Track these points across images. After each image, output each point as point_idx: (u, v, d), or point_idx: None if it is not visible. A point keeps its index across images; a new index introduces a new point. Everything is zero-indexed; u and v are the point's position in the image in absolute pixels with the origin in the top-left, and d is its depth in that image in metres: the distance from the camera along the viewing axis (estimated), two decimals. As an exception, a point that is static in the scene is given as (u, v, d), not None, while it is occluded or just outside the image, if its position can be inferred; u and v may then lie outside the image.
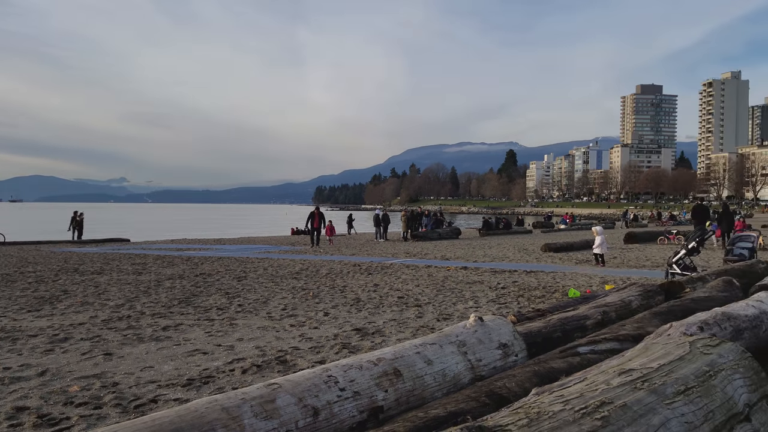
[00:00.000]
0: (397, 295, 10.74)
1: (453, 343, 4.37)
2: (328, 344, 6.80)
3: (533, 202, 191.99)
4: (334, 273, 14.57)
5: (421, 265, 16.38)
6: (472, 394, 3.84)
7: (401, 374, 3.86)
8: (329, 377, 3.44)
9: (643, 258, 18.72)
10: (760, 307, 6.25)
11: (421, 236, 31.04)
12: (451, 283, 12.40)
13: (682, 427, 2.51)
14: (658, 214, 64.96)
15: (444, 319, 8.40)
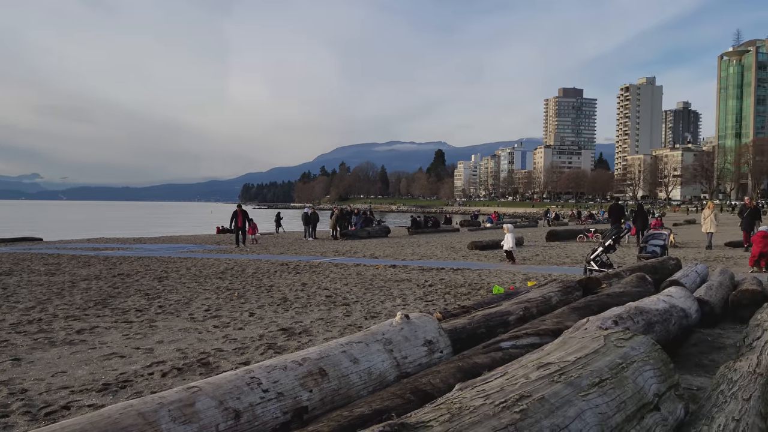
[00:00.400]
0: (325, 294, 10.68)
1: (379, 341, 4.37)
2: (253, 345, 6.67)
3: (461, 201, 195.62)
4: (261, 272, 14.34)
5: (350, 264, 16.36)
6: (397, 391, 3.85)
7: (327, 374, 3.82)
8: (252, 379, 3.36)
9: (564, 255, 19.39)
10: (670, 302, 6.59)
11: (350, 235, 31.03)
12: (380, 282, 12.44)
13: (596, 418, 2.60)
14: (578, 213, 67.47)
15: (372, 318, 8.42)
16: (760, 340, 5.29)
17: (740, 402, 3.39)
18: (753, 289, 8.19)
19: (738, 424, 3.12)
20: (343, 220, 32.94)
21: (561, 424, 2.43)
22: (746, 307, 7.80)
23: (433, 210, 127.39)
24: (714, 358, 5.96)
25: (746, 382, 3.72)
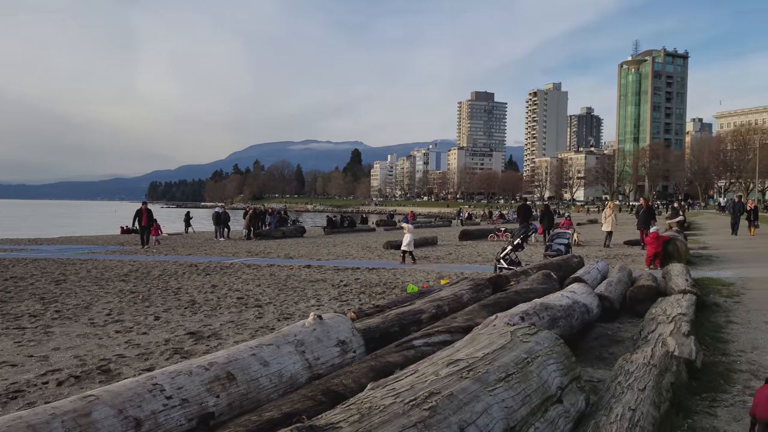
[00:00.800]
0: (236, 296, 10.42)
1: (291, 343, 4.30)
2: (158, 350, 6.40)
3: (377, 201, 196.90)
4: (168, 274, 13.82)
5: (264, 265, 16.07)
6: (308, 393, 3.79)
7: (235, 378, 3.72)
8: (154, 385, 3.22)
9: (476, 254, 19.89)
10: (573, 298, 6.87)
11: (264, 235, 30.52)
12: (294, 282, 12.29)
13: (502, 412, 2.65)
14: (489, 213, 69.51)
15: (285, 319, 8.29)
16: (654, 333, 5.61)
17: (636, 392, 3.57)
18: (648, 285, 8.69)
19: (634, 413, 3.28)
20: (256, 220, 32.35)
21: (469, 420, 2.46)
22: (642, 302, 8.25)
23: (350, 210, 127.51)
24: (613, 351, 6.26)
25: (641, 373, 3.92)
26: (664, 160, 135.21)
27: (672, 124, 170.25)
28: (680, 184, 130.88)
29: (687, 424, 3.92)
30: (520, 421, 2.74)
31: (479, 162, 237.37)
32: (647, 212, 20.03)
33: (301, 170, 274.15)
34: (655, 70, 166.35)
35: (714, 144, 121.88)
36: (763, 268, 13.19)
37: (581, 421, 3.33)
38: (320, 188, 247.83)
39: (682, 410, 4.10)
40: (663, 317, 6.12)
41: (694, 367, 4.86)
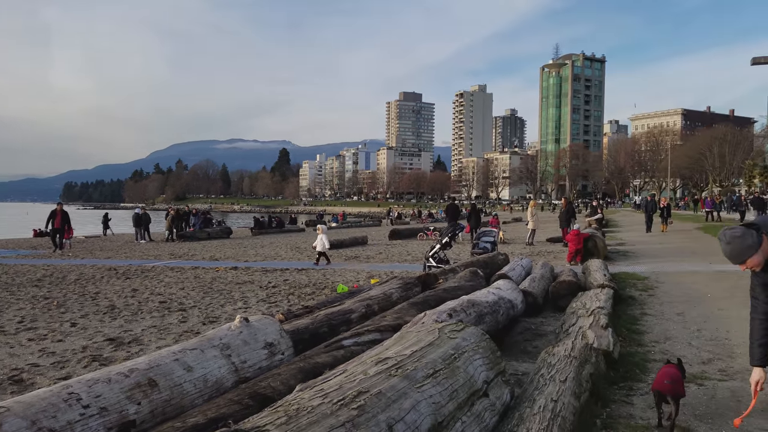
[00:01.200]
0: (158, 300, 10.08)
1: (216, 347, 4.19)
2: (75, 358, 6.11)
3: (306, 201, 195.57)
4: (85, 279, 13.21)
5: (188, 267, 15.63)
6: (235, 397, 3.71)
7: (157, 384, 3.60)
8: (70, 394, 3.07)
9: (405, 253, 20.06)
10: (498, 294, 7.04)
11: (188, 236, 29.73)
12: (220, 285, 12.02)
13: (430, 408, 2.68)
14: (418, 212, 70.29)
15: (211, 323, 8.08)
16: (575, 326, 5.81)
17: (558, 384, 3.69)
18: (569, 281, 9.00)
19: (556, 404, 3.39)
20: (179, 221, 31.48)
21: (397, 417, 2.47)
22: (564, 296, 8.55)
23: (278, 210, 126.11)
24: (537, 344, 6.45)
25: (563, 365, 4.05)
26: (584, 161, 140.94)
27: (591, 125, 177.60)
28: (598, 183, 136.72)
29: (605, 413, 4.08)
30: (447, 416, 2.78)
31: (408, 162, 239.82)
32: (568, 211, 20.78)
33: (226, 170, 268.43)
34: (575, 73, 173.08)
35: (629, 145, 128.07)
36: (675, 262, 13.93)
37: (506, 414, 3.41)
38: (247, 188, 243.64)
39: (600, 399, 4.27)
40: (583, 311, 6.35)
41: (612, 358, 5.07)
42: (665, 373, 3.85)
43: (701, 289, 9.66)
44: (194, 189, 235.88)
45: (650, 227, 25.79)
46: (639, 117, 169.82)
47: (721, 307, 8.05)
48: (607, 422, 3.91)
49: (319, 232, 16.49)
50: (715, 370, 5.23)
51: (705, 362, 5.48)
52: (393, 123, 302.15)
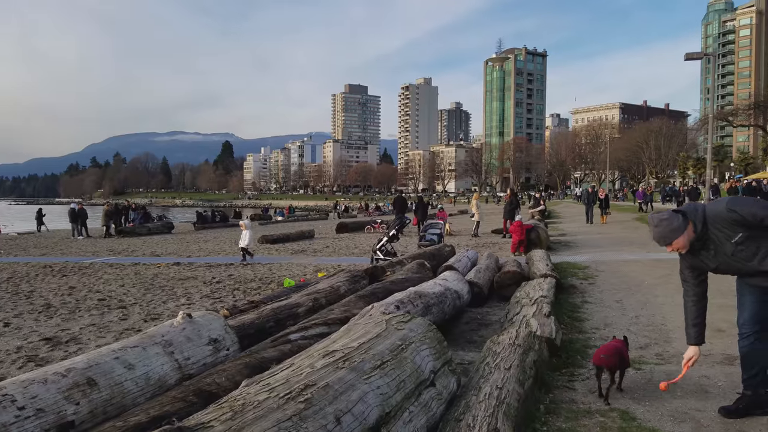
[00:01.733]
0: (97, 298, 9.76)
1: (158, 344, 4.10)
2: (9, 359, 5.86)
3: (251, 195, 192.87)
4: (19, 276, 12.67)
5: (128, 263, 15.18)
6: (178, 394, 3.64)
7: (97, 383, 3.49)
8: (4, 396, 2.95)
9: (353, 246, 20.05)
10: (445, 285, 7.11)
11: (128, 232, 28.91)
12: (162, 281, 11.73)
13: (377, 399, 2.68)
14: (365, 206, 70.34)
15: (153, 320, 7.88)
16: (519, 315, 5.94)
17: (503, 371, 3.76)
18: (513, 271, 9.18)
19: (501, 391, 3.45)
20: (118, 216, 30.56)
21: (345, 409, 2.47)
22: (508, 286, 8.72)
23: (222, 204, 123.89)
24: (482, 333, 6.55)
25: (507, 353, 4.13)
26: (527, 153, 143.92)
27: (533, 119, 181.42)
28: (541, 175, 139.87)
29: (549, 399, 4.18)
30: (395, 407, 2.79)
31: (355, 155, 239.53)
32: (512, 203, 21.17)
33: (167, 163, 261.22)
34: (517, 67, 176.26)
35: (570, 138, 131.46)
36: (614, 252, 14.40)
37: (453, 402, 3.45)
38: (189, 182, 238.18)
39: (544, 386, 4.37)
40: (526, 300, 6.49)
41: (555, 345, 5.20)
42: (604, 348, 4.27)
43: (638, 277, 10.01)
44: (133, 183, 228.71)
45: (590, 219, 26.35)
46: (579, 111, 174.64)
47: (657, 294, 8.37)
48: (550, 407, 4.01)
49: (242, 227, 16.03)
50: (652, 354, 5.43)
51: (642, 347, 5.69)
52: (339, 116, 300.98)
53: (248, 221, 17.06)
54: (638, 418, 3.82)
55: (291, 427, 2.18)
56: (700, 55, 24.55)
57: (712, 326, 6.32)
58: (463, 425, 3.00)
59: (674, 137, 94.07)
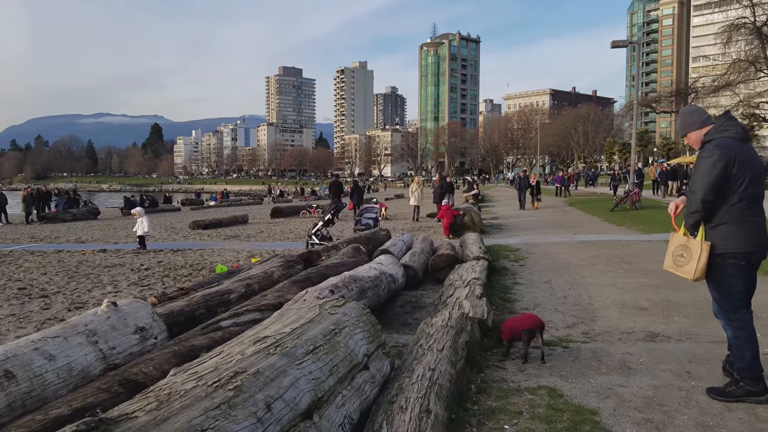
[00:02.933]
0: (17, 287, 9.29)
1: (81, 334, 3.94)
2: None
3: (182, 179, 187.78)
4: (-68, 266, 11.93)
5: (50, 251, 14.52)
6: (103, 385, 3.52)
7: (14, 376, 3.34)
8: None
9: (288, 231, 19.85)
10: (380, 269, 7.14)
11: (50, 218, 27.64)
12: (87, 269, 11.28)
13: (309, 384, 2.66)
14: (301, 190, 69.72)
15: (77, 309, 7.57)
16: (452, 297, 6.03)
17: (435, 353, 3.80)
18: (447, 254, 9.31)
19: (433, 372, 3.49)
20: (40, 202, 29.18)
21: (275, 395, 2.43)
22: (443, 269, 8.83)
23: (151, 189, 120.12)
24: (417, 316, 6.62)
25: (440, 335, 4.18)
26: (461, 138, 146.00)
27: (467, 104, 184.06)
28: (475, 160, 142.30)
29: (480, 378, 4.27)
30: (327, 391, 2.78)
31: (290, 138, 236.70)
32: (441, 186, 21.41)
33: (93, 146, 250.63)
34: (452, 53, 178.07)
35: (503, 123, 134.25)
36: (544, 234, 14.83)
37: (387, 385, 3.47)
38: (116, 166, 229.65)
39: (476, 366, 4.45)
40: (459, 282, 6.59)
41: (486, 326, 5.30)
42: (524, 320, 4.80)
43: (567, 258, 10.35)
44: (57, 167, 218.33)
45: (523, 205, 26.06)
46: (511, 96, 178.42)
47: (584, 275, 8.67)
48: (481, 387, 4.10)
49: (136, 216, 15.24)
50: (579, 333, 5.62)
51: (570, 326, 5.88)
52: (273, 98, 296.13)
53: (141, 209, 16.13)
54: (565, 395, 3.95)
55: (219, 415, 2.14)
56: (625, 43, 25.37)
57: (635, 305, 6.63)
58: (396, 407, 3.02)
59: (601, 123, 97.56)
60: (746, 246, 3.79)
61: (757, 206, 3.85)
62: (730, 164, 3.73)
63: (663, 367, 4.47)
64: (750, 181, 3.77)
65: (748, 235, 3.79)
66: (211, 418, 2.11)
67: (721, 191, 3.78)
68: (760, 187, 3.84)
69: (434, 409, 3.07)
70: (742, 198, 3.77)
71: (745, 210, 3.79)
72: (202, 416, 2.10)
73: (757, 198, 3.84)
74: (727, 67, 39.15)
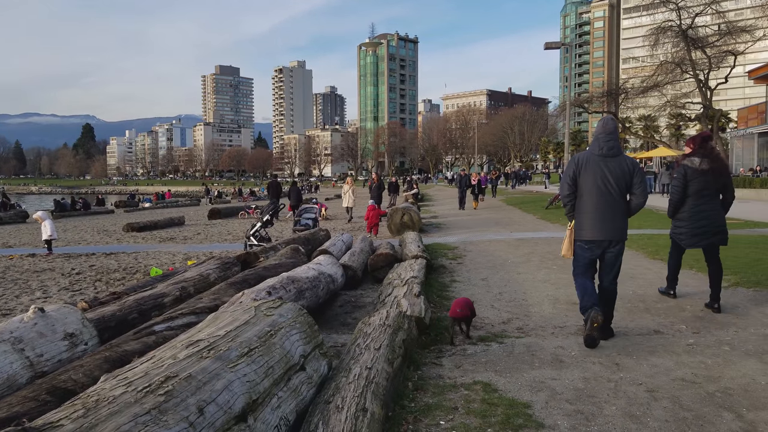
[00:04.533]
0: (-63, 294, 8.82)
1: (6, 341, 3.80)
2: None
3: (115, 180, 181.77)
4: None
5: (-26, 256, 13.83)
6: (30, 394, 3.40)
7: (-69, 388, 3.17)
8: None
9: (226, 232, 19.53)
10: (318, 269, 7.13)
11: (-26, 222, 26.31)
12: (15, 274, 10.80)
13: (243, 387, 2.65)
14: (239, 191, 68.56)
15: (3, 316, 7.25)
16: (390, 296, 6.08)
17: (372, 352, 3.84)
18: (386, 253, 9.38)
19: (370, 371, 3.53)
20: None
21: (208, 399, 2.41)
22: (382, 268, 8.90)
23: (84, 191, 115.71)
24: (356, 316, 6.65)
25: (378, 333, 4.23)
26: (401, 138, 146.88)
27: (406, 104, 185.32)
28: (415, 159, 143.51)
29: (417, 375, 4.34)
30: (263, 393, 2.77)
31: (228, 138, 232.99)
32: (379, 186, 21.49)
33: (20, 147, 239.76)
34: (390, 53, 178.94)
35: (441, 123, 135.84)
36: (481, 232, 15.12)
37: (324, 385, 3.48)
38: (46, 168, 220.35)
39: (413, 363, 4.52)
40: (398, 281, 6.66)
41: (424, 324, 5.38)
42: (456, 303, 5.42)
43: (503, 256, 10.60)
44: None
45: (463, 204, 25.26)
46: (450, 97, 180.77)
47: (519, 272, 8.91)
48: (418, 384, 4.16)
49: (38, 220, 14.51)
50: (514, 328, 5.78)
51: (505, 322, 6.03)
52: (210, 98, 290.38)
53: (42, 213, 15.21)
54: (499, 389, 4.05)
55: (149, 421, 2.10)
56: (558, 44, 26.17)
57: (568, 300, 6.85)
58: (332, 407, 3.04)
59: (536, 123, 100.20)
60: (586, 232, 5.30)
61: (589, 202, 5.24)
62: (572, 168, 5.30)
63: (593, 359, 4.64)
64: (585, 181, 5.21)
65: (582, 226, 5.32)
66: (141, 424, 2.07)
67: (570, 190, 5.33)
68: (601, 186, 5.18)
69: (371, 408, 3.11)
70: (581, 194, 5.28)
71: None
72: (131, 422, 2.07)
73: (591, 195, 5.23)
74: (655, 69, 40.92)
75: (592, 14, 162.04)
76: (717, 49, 38.03)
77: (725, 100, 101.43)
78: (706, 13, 39.48)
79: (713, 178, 6.01)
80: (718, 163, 6.13)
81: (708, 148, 6.18)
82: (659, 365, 4.44)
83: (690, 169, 6.07)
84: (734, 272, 7.73)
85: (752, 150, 33.99)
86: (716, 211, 6.07)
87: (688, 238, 6.18)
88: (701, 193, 6.03)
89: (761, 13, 40.81)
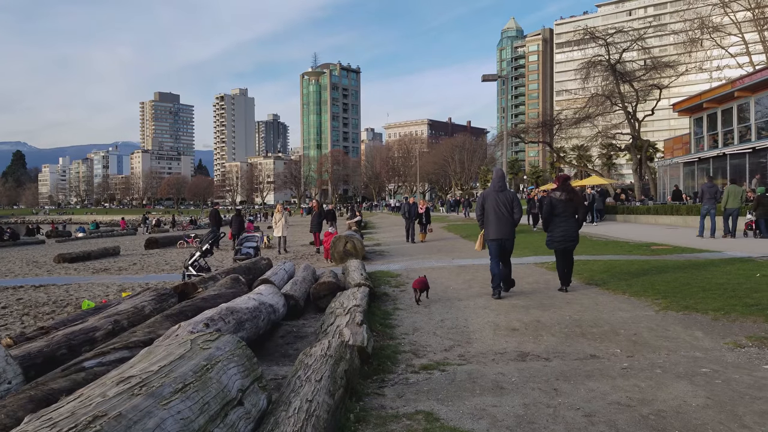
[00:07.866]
0: None
1: None
2: None
3: (47, 209, 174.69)
4: None
5: None
6: (-56, 439, 3.16)
7: None
8: None
9: (163, 262, 18.99)
10: (259, 299, 6.99)
11: None
12: (-68, 309, 10.14)
13: (177, 425, 2.54)
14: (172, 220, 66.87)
15: None
16: (332, 326, 6.02)
17: (313, 384, 3.77)
18: (329, 281, 9.31)
19: (311, 404, 3.46)
20: None
21: (139, 439, 2.30)
22: (325, 297, 8.82)
23: (13, 220, 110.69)
24: (298, 346, 6.54)
25: (319, 365, 4.16)
26: (344, 166, 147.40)
27: (349, 132, 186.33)
28: (358, 187, 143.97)
29: (359, 407, 4.28)
30: (197, 430, 2.67)
31: (167, 166, 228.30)
32: (320, 214, 21.34)
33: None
34: (333, 82, 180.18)
35: (384, 152, 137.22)
36: (424, 260, 15.22)
37: (263, 420, 3.39)
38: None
39: (355, 394, 4.46)
40: (340, 310, 6.60)
41: (366, 353, 5.34)
42: (417, 281, 8.81)
43: (445, 283, 10.67)
44: None
45: (412, 237, 22.29)
46: (392, 126, 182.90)
47: (460, 298, 8.99)
48: (360, 415, 4.10)
49: None
50: (455, 355, 5.79)
51: (447, 349, 6.05)
52: (148, 125, 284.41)
53: None
54: (441, 418, 4.03)
55: (74, 466, 1.99)
56: (495, 77, 26.95)
57: (508, 326, 6.94)
58: (272, 442, 2.95)
59: (476, 152, 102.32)
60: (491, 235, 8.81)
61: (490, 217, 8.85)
62: (481, 200, 9.00)
63: (533, 385, 4.69)
64: (488, 206, 8.86)
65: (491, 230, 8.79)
66: (65, 468, 1.96)
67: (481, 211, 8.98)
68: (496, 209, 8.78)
69: (311, 441, 3.04)
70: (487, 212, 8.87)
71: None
72: (54, 468, 1.95)
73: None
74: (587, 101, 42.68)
75: (527, 48, 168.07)
76: (643, 82, 40.08)
77: (652, 131, 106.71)
78: (633, 48, 41.66)
79: (570, 205, 8.87)
80: (573, 195, 8.99)
81: (567, 185, 9.12)
82: (596, 389, 4.52)
83: (555, 200, 8.93)
84: (664, 296, 8.02)
85: (678, 179, 35.70)
86: (571, 226, 8.89)
87: (555, 243, 8.98)
88: (562, 215, 8.88)
89: (683, 49, 43.33)
